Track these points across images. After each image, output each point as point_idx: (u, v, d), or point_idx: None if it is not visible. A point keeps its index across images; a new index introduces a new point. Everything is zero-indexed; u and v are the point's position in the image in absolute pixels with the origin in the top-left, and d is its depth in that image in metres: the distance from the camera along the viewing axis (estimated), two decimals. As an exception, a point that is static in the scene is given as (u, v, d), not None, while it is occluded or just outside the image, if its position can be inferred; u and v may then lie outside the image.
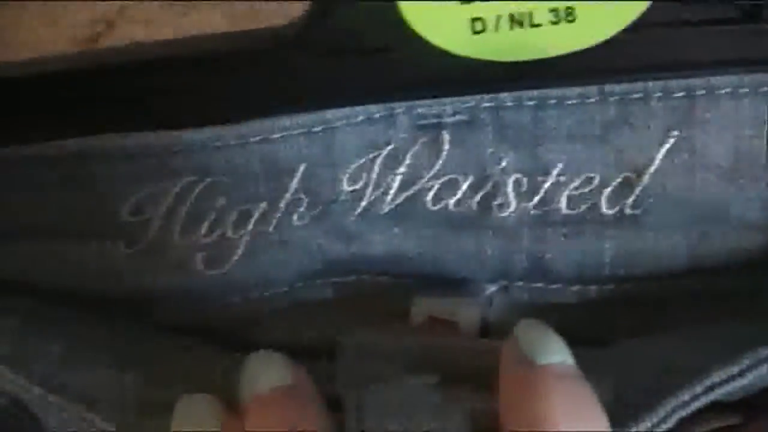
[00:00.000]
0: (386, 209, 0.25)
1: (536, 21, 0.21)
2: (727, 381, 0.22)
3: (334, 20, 0.22)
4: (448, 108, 0.24)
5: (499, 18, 0.21)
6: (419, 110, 0.24)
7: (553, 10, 0.21)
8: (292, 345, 0.27)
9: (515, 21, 0.21)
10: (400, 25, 0.21)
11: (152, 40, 0.26)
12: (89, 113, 0.24)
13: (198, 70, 0.23)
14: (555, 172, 0.24)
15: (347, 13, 0.22)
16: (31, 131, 0.24)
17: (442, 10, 0.21)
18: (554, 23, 0.21)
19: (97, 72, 0.24)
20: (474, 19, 0.21)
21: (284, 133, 0.24)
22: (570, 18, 0.21)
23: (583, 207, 0.25)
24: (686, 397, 0.22)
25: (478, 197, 0.25)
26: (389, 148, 0.24)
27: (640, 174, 0.24)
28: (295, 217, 0.25)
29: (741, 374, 0.22)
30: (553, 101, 0.23)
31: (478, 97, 0.23)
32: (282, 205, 0.25)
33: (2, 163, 0.24)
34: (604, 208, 0.24)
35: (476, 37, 0.21)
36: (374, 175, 0.24)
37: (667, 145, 0.24)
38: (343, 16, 0.22)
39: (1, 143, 0.24)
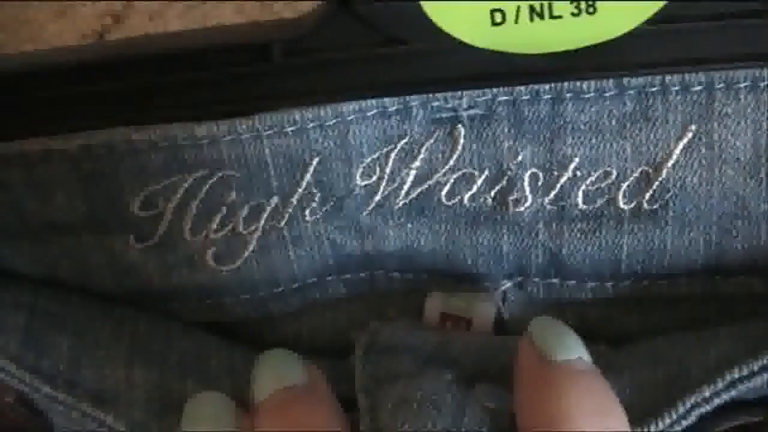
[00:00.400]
0: (400, 204, 0.25)
1: (556, 13, 0.21)
2: (747, 377, 0.22)
3: (350, 13, 0.22)
4: (464, 101, 0.23)
5: (518, 9, 0.21)
6: (435, 103, 0.23)
7: (575, 2, 0.21)
8: (303, 343, 0.27)
9: (535, 12, 0.21)
10: (419, 16, 0.21)
11: (161, 32, 0.25)
12: (95, 108, 0.23)
13: (208, 63, 0.23)
14: (572, 166, 0.24)
15: (364, 6, 0.21)
16: (36, 126, 0.24)
17: (462, 1, 0.21)
18: (575, 15, 0.21)
19: (104, 66, 0.23)
20: (494, 11, 0.21)
21: (297, 127, 0.23)
22: (591, 10, 0.21)
23: (600, 202, 0.24)
24: (707, 393, 0.22)
25: (493, 192, 0.24)
26: (404, 141, 0.24)
27: (658, 168, 0.24)
28: (307, 212, 0.25)
29: (762, 370, 0.21)
30: (570, 95, 0.23)
31: (494, 90, 0.23)
32: (294, 199, 0.24)
33: (6, 159, 0.24)
34: (622, 203, 0.24)
35: (495, 28, 0.21)
36: (388, 170, 0.24)
37: (686, 140, 0.23)
38: (360, 9, 0.22)
39: (5, 138, 0.24)
